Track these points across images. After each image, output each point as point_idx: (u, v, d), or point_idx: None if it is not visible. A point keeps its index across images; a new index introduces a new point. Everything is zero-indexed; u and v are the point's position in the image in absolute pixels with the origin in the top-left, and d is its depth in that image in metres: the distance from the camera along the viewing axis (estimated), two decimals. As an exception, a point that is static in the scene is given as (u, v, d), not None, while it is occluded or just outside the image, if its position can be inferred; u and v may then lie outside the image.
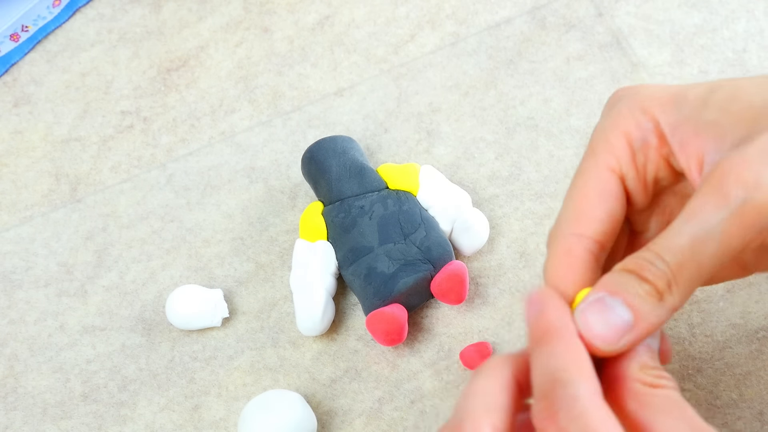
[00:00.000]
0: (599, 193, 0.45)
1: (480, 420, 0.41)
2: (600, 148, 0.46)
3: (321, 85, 0.68)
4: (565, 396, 0.40)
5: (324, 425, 0.58)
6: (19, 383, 0.61)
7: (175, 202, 0.65)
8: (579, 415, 0.39)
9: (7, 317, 0.63)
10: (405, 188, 0.62)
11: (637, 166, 0.46)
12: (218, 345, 0.61)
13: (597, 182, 0.45)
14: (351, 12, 0.70)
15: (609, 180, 0.45)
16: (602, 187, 0.45)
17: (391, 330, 0.58)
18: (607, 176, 0.45)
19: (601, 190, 0.45)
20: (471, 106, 0.66)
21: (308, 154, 0.63)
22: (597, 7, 0.68)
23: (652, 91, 0.46)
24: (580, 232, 0.45)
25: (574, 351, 0.41)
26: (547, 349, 0.41)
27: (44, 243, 0.65)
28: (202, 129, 0.68)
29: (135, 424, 0.59)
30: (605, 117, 0.47)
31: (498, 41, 0.68)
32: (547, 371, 0.41)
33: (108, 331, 0.62)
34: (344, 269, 0.60)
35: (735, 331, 0.57)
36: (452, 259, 0.60)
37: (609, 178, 0.45)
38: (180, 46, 0.70)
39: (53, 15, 0.72)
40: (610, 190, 0.45)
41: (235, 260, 0.63)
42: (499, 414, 0.42)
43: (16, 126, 0.69)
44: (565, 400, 0.40)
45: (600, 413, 0.39)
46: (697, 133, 0.44)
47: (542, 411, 0.40)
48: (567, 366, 0.40)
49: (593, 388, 0.40)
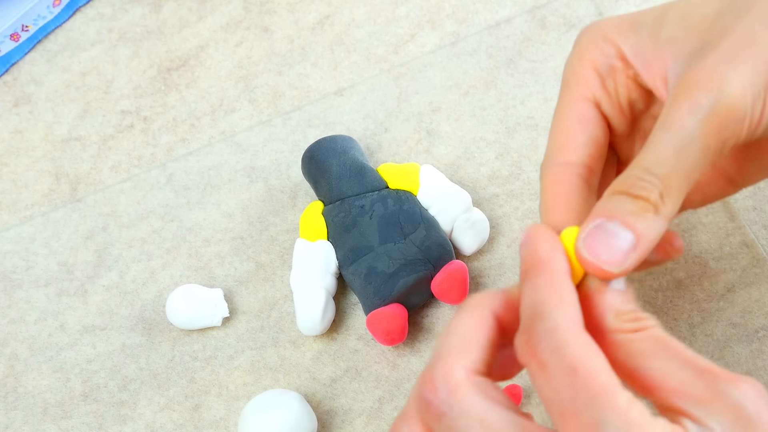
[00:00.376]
0: (578, 121, 0.47)
1: (452, 360, 0.41)
2: (571, 80, 0.48)
3: (321, 84, 0.68)
4: (544, 329, 0.39)
5: (324, 425, 0.58)
6: (20, 383, 0.61)
7: (176, 201, 0.65)
8: (557, 347, 0.39)
9: (7, 317, 0.63)
10: (405, 188, 0.62)
11: (608, 90, 0.47)
12: (218, 344, 0.61)
13: (574, 112, 0.47)
14: (351, 11, 0.70)
15: (585, 107, 0.47)
16: (579, 115, 0.47)
17: (391, 329, 0.58)
18: (582, 104, 0.47)
19: (579, 118, 0.47)
20: (471, 106, 0.66)
21: (308, 154, 0.63)
22: (597, 7, 0.68)
23: (610, 21, 0.48)
24: (565, 160, 0.46)
25: (556, 284, 0.41)
26: (532, 283, 0.41)
27: (44, 242, 0.65)
28: (202, 128, 0.68)
29: (135, 424, 0.59)
30: (572, 53, 0.49)
31: (498, 41, 0.68)
32: (529, 304, 0.41)
33: (108, 331, 0.62)
34: (344, 269, 0.60)
35: (735, 331, 0.57)
36: (452, 258, 0.60)
37: (584, 105, 0.47)
38: (180, 46, 0.70)
39: (53, 14, 0.72)
40: (588, 116, 0.47)
41: (235, 260, 0.63)
42: (473, 353, 0.41)
43: (16, 125, 0.69)
44: (545, 333, 0.39)
45: (578, 343, 0.39)
46: (657, 52, 0.46)
47: (523, 345, 0.40)
48: (547, 299, 0.40)
49: (572, 318, 0.40)
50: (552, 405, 0.39)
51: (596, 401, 0.38)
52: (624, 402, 0.38)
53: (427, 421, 0.41)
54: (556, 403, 0.39)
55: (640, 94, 0.48)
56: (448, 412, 0.40)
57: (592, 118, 0.47)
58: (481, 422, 0.39)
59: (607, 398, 0.38)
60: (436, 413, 0.40)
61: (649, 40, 0.46)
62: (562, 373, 0.39)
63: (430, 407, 0.41)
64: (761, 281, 0.58)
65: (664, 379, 0.39)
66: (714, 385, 0.39)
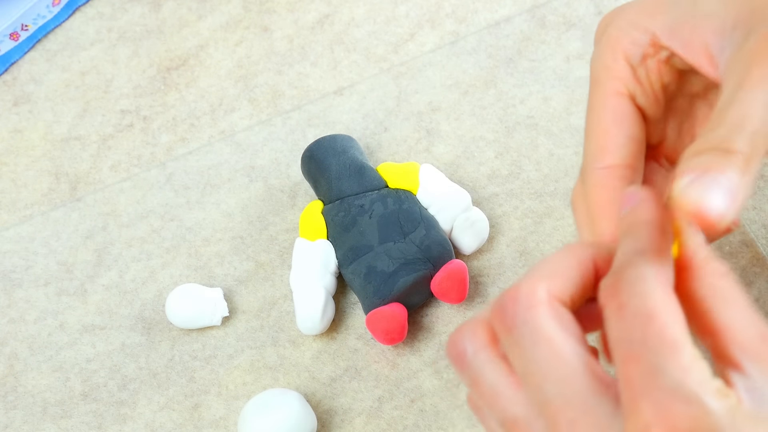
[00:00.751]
0: (614, 120, 0.46)
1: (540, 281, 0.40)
2: (602, 76, 0.47)
3: (321, 84, 0.68)
4: (633, 274, 0.39)
5: (324, 424, 0.58)
6: (19, 382, 0.61)
7: (175, 201, 0.65)
8: (641, 292, 0.39)
9: (6, 316, 0.63)
10: (405, 187, 0.62)
11: (641, 81, 0.47)
12: (218, 344, 0.61)
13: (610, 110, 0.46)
14: (351, 11, 0.70)
15: (620, 104, 0.46)
16: (615, 112, 0.46)
17: (391, 329, 0.58)
18: (617, 101, 0.46)
19: (614, 117, 0.46)
20: (471, 105, 0.66)
21: (308, 153, 0.63)
22: (597, 6, 0.68)
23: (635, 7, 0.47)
24: (607, 164, 0.46)
25: (657, 238, 0.40)
26: (631, 236, 0.41)
27: (44, 242, 0.65)
28: (201, 128, 0.68)
29: (135, 423, 0.59)
30: (599, 45, 0.47)
31: (498, 40, 0.68)
32: (625, 253, 0.40)
33: (108, 330, 0.62)
34: (344, 268, 0.60)
35: (735, 330, 0.57)
36: (452, 257, 0.60)
37: (619, 102, 0.46)
38: (180, 45, 0.70)
39: (53, 14, 0.72)
40: (624, 113, 0.46)
41: (234, 259, 0.63)
42: (562, 282, 0.41)
43: (16, 125, 0.69)
44: (632, 278, 0.39)
45: (662, 294, 0.39)
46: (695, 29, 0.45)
47: (608, 287, 0.40)
48: (643, 250, 0.40)
49: (664, 273, 0.39)
50: (619, 346, 0.39)
51: (662, 350, 0.38)
52: (688, 358, 0.38)
53: (497, 329, 0.41)
54: (624, 344, 0.38)
55: (673, 75, 0.47)
56: (521, 326, 0.40)
57: (628, 114, 0.46)
58: (549, 345, 0.39)
59: (674, 350, 0.38)
60: (509, 324, 0.40)
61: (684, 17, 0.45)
62: (638, 317, 0.38)
63: (504, 317, 0.41)
64: (761, 280, 0.58)
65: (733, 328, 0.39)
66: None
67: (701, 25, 0.45)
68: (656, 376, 0.37)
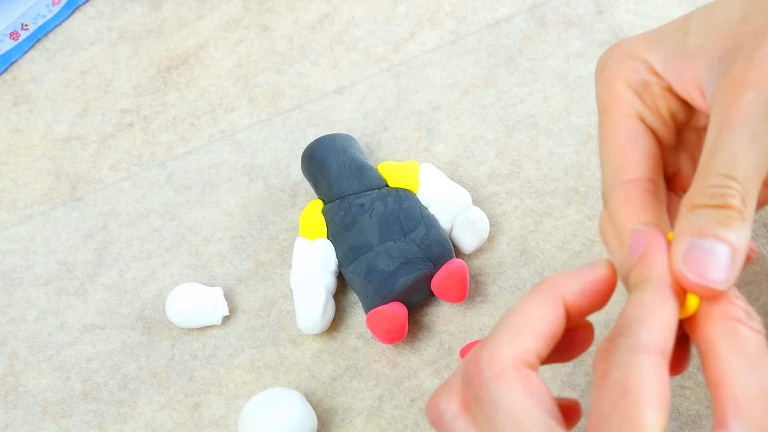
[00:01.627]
0: (627, 139, 0.46)
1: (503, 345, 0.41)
2: (609, 104, 0.47)
3: (321, 83, 0.68)
4: (625, 344, 0.39)
5: (324, 423, 0.58)
6: (20, 382, 0.61)
7: (175, 200, 0.65)
8: (627, 365, 0.39)
9: (7, 315, 0.63)
10: (405, 186, 0.62)
11: (648, 104, 0.47)
12: (218, 343, 0.61)
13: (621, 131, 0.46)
14: (351, 10, 0.70)
15: (630, 124, 0.46)
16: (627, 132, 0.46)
17: (391, 328, 0.58)
18: (627, 122, 0.46)
19: (627, 135, 0.46)
20: (471, 104, 0.66)
21: (308, 152, 0.63)
22: (597, 5, 0.68)
23: (633, 39, 0.47)
24: (628, 178, 0.45)
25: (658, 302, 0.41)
26: (637, 296, 0.41)
27: (44, 241, 0.65)
28: (201, 127, 0.68)
29: (135, 423, 0.59)
30: (600, 79, 0.48)
31: (498, 39, 0.68)
32: (626, 316, 0.41)
33: (108, 330, 0.62)
34: (344, 267, 0.60)
35: (735, 329, 0.57)
36: (452, 257, 0.60)
37: (630, 122, 0.46)
38: (180, 45, 0.70)
39: (53, 13, 0.72)
40: (637, 131, 0.46)
41: (235, 258, 0.63)
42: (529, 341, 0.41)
43: (16, 124, 0.69)
44: (622, 348, 0.39)
45: (647, 373, 0.39)
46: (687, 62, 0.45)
47: (602, 352, 0.40)
48: (643, 316, 0.40)
49: (656, 343, 0.39)
50: (591, 414, 0.39)
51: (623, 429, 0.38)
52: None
53: (465, 398, 0.42)
54: (594, 414, 0.39)
55: (679, 104, 0.47)
56: (485, 397, 0.40)
57: (641, 132, 0.46)
58: (511, 417, 0.40)
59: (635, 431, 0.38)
60: (475, 394, 0.41)
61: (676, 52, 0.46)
62: (614, 390, 0.39)
63: (471, 386, 0.41)
64: (761, 279, 0.58)
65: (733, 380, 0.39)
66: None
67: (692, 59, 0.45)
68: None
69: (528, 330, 0.41)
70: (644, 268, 0.42)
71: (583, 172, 0.63)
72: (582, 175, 0.63)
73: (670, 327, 0.41)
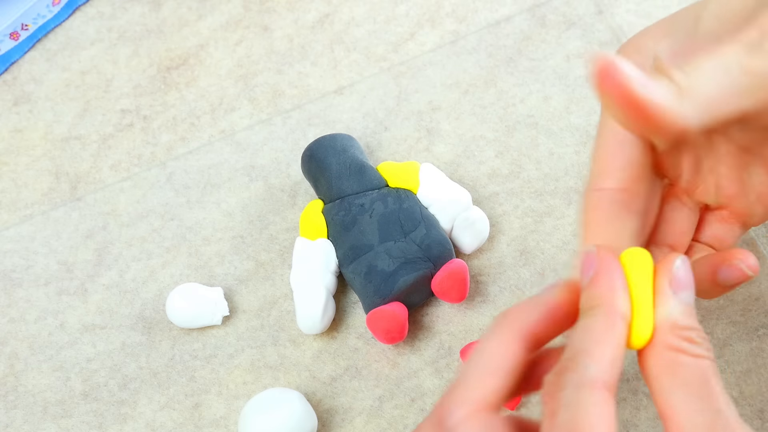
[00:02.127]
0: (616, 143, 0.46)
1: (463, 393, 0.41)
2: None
3: (321, 83, 0.68)
4: (572, 379, 0.39)
5: (324, 423, 0.58)
6: (20, 382, 0.61)
7: (175, 200, 0.65)
8: (573, 403, 0.38)
9: (7, 316, 0.63)
10: (405, 186, 0.62)
11: None
12: (218, 343, 0.61)
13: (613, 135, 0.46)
14: (351, 10, 0.70)
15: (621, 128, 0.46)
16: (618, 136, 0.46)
17: (391, 328, 0.58)
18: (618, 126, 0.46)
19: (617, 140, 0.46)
20: (471, 104, 0.66)
21: (308, 152, 0.63)
22: (597, 5, 0.68)
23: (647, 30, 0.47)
24: (603, 186, 0.45)
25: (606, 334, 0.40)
26: (585, 323, 0.41)
27: (44, 241, 0.65)
28: (202, 127, 0.68)
29: (135, 423, 0.59)
30: None
31: (498, 39, 0.68)
32: (574, 346, 0.40)
33: (108, 330, 0.62)
34: (344, 267, 0.60)
35: (735, 329, 0.57)
36: (452, 257, 0.60)
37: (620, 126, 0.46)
38: (180, 45, 0.70)
39: (53, 13, 0.72)
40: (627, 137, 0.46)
41: (235, 258, 0.63)
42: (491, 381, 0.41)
43: (16, 124, 0.69)
44: (570, 383, 0.39)
45: (594, 409, 0.38)
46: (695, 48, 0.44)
47: (550, 385, 0.40)
48: (590, 349, 0.40)
49: (602, 378, 0.39)
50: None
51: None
52: None
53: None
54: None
55: None
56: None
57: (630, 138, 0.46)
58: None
59: None
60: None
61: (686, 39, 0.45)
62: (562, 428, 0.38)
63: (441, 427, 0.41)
64: (761, 279, 0.58)
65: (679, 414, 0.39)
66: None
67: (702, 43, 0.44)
68: None
69: (489, 369, 0.41)
70: (593, 293, 0.41)
71: (584, 172, 0.63)
72: (582, 175, 0.63)
73: (617, 358, 0.40)
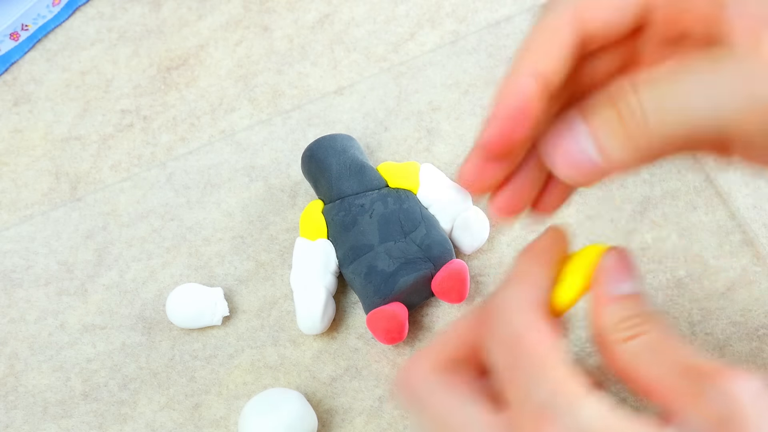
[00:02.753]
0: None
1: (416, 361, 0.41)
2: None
3: (321, 83, 0.68)
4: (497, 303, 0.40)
5: (324, 424, 0.58)
6: (20, 382, 0.61)
7: (175, 200, 0.65)
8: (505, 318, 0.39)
9: (7, 316, 0.63)
10: (405, 186, 0.62)
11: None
12: (218, 343, 0.61)
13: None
14: (351, 10, 0.70)
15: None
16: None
17: (391, 328, 0.58)
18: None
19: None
20: (471, 105, 0.66)
21: (308, 153, 0.63)
22: (597, 5, 0.68)
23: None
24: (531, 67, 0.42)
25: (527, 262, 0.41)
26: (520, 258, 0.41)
27: (44, 242, 0.65)
28: (202, 128, 0.68)
29: (135, 423, 0.59)
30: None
31: (498, 39, 0.68)
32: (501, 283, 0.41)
33: (108, 330, 0.62)
34: (344, 267, 0.60)
35: (735, 329, 0.57)
36: (453, 257, 0.60)
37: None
38: (180, 45, 0.70)
39: (53, 14, 0.72)
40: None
41: (235, 259, 0.63)
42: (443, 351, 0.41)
43: (16, 125, 0.69)
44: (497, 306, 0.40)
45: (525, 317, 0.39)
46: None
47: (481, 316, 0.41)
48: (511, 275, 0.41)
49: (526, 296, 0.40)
50: (498, 374, 0.39)
51: (532, 368, 0.38)
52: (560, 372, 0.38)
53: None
54: (501, 371, 0.39)
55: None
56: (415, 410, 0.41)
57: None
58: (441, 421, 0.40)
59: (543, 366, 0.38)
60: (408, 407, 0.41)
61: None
62: (506, 342, 0.39)
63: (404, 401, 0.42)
64: (761, 279, 0.58)
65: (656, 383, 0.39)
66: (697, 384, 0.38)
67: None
68: (529, 394, 0.38)
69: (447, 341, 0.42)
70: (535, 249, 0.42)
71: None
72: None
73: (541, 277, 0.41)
